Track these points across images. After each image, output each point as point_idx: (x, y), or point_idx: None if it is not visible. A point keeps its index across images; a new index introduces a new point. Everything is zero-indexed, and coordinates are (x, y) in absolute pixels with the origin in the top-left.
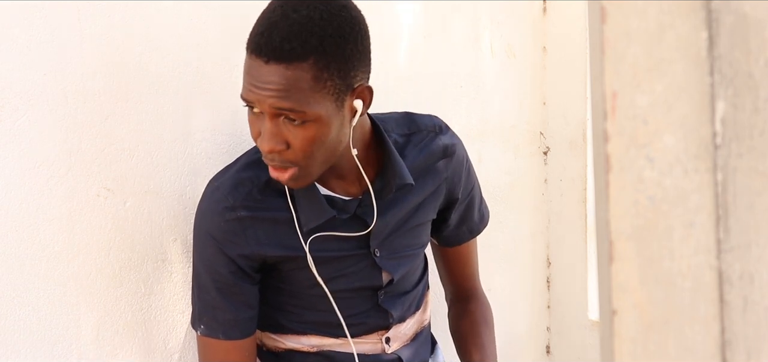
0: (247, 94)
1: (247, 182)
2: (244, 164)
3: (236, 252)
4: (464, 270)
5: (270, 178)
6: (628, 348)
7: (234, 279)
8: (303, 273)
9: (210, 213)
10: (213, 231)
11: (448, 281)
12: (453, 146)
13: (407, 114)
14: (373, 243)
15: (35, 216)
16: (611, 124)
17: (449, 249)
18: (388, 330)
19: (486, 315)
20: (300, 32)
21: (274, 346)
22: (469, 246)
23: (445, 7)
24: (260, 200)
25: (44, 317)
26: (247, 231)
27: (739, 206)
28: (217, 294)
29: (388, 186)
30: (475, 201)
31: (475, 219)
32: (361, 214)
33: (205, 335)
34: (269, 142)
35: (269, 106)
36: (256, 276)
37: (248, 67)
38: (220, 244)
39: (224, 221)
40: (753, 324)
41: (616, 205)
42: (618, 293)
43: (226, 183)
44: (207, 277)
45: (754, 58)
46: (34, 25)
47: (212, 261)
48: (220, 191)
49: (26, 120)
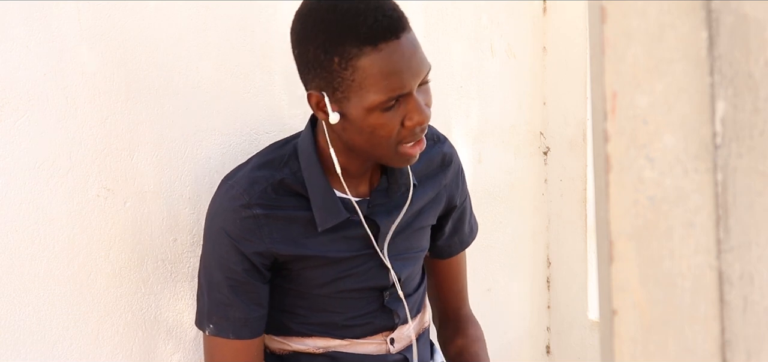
0: (407, 81)
1: (261, 180)
2: (258, 164)
3: (251, 249)
4: (455, 285)
5: (283, 177)
6: (628, 348)
7: (247, 276)
8: (313, 272)
9: (225, 210)
10: (228, 227)
11: (437, 299)
12: (451, 155)
13: None
14: (380, 243)
15: (35, 216)
16: (611, 124)
17: (441, 263)
18: (392, 331)
19: (478, 332)
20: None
21: (280, 349)
22: (460, 261)
23: (445, 7)
24: (275, 199)
25: (44, 317)
26: (262, 229)
27: (739, 206)
28: (229, 291)
29: (396, 184)
30: (467, 213)
31: (465, 230)
32: (370, 214)
33: (214, 335)
34: (426, 111)
35: (424, 73)
36: (268, 275)
37: (388, 56)
38: (235, 241)
39: (240, 218)
40: (753, 324)
41: (616, 205)
42: (618, 293)
43: (241, 180)
44: (220, 274)
45: (754, 58)
46: (34, 25)
47: (226, 258)
48: (235, 188)
49: (26, 120)
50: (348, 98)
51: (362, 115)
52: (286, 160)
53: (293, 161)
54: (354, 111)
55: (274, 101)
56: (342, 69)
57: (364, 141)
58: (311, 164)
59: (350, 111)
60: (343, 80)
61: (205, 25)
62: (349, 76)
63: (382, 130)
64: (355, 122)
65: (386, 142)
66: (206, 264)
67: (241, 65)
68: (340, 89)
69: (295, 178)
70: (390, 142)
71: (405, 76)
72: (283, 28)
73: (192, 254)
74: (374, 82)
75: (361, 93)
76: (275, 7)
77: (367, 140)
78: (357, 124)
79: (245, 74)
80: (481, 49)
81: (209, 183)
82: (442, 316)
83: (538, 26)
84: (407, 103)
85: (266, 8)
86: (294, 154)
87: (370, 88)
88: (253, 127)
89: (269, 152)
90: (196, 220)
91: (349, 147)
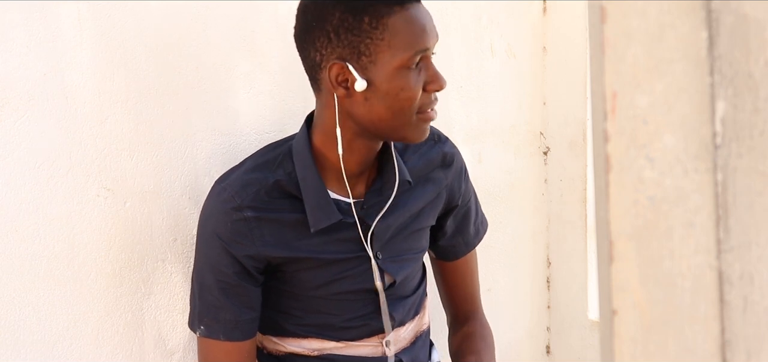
0: (430, 38)
1: (254, 183)
2: (252, 166)
3: (242, 252)
4: (463, 289)
5: (277, 179)
6: (628, 348)
7: (238, 279)
8: (306, 274)
9: (217, 212)
10: (219, 230)
11: (448, 302)
12: (452, 155)
13: None
14: (375, 246)
15: (35, 216)
16: (611, 124)
17: (448, 265)
18: (388, 334)
19: (486, 336)
20: None
21: (275, 350)
22: (468, 262)
23: (445, 7)
24: (267, 201)
25: (44, 317)
26: (253, 231)
27: (739, 206)
28: (220, 293)
29: (389, 183)
30: (471, 213)
31: (470, 231)
32: (364, 216)
33: (204, 336)
34: (443, 76)
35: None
36: (260, 278)
37: (414, 15)
38: (226, 244)
39: (231, 221)
40: (753, 324)
41: (616, 205)
42: (618, 293)
43: (233, 183)
44: (211, 277)
45: (754, 58)
46: (34, 25)
47: (217, 261)
48: (228, 191)
49: (26, 120)
50: (375, 62)
51: (389, 77)
52: (281, 160)
53: (287, 162)
54: (381, 73)
55: (274, 101)
56: (372, 28)
57: (387, 108)
58: (306, 164)
59: (377, 75)
60: (372, 41)
61: (205, 25)
62: (378, 35)
63: (407, 92)
64: (381, 87)
65: (409, 109)
66: (198, 267)
67: (241, 65)
68: (367, 52)
69: (290, 179)
70: (412, 109)
71: (428, 34)
72: (283, 28)
73: (192, 254)
74: (403, 38)
75: (390, 51)
76: (275, 7)
77: (391, 107)
78: (383, 88)
79: (245, 74)
80: (481, 49)
81: (209, 183)
82: (453, 320)
83: (538, 26)
84: (427, 68)
85: (266, 8)
86: (288, 155)
87: (399, 45)
88: (253, 127)
89: (263, 153)
90: (196, 220)
91: (363, 127)
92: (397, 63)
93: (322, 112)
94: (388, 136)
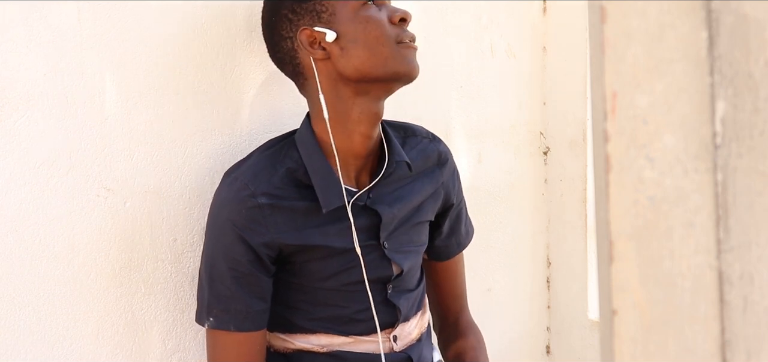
0: None
1: (265, 171)
2: (260, 156)
3: (257, 239)
4: (453, 289)
5: (287, 167)
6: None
7: (251, 268)
8: (316, 265)
9: (231, 201)
10: (234, 217)
11: (437, 303)
12: (446, 154)
13: (399, 121)
14: (382, 235)
15: (35, 216)
16: (611, 124)
17: (440, 265)
18: (394, 328)
19: (478, 337)
20: None
21: (284, 347)
22: (458, 262)
23: (445, 7)
24: (279, 188)
25: (44, 317)
26: (267, 218)
27: (739, 206)
28: (233, 282)
29: (391, 165)
30: (463, 214)
31: (462, 232)
32: (371, 204)
33: (214, 328)
34: (403, 8)
35: None
36: (272, 268)
37: None
38: (240, 231)
39: (246, 208)
40: (753, 324)
41: (616, 205)
42: (618, 293)
43: (245, 172)
44: (223, 265)
45: (754, 58)
46: (34, 25)
47: (230, 249)
48: (240, 180)
49: (26, 120)
50: (334, 13)
51: (351, 19)
52: (287, 150)
53: (293, 151)
54: (343, 19)
55: (274, 101)
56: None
57: (364, 46)
58: (311, 151)
59: (340, 23)
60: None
61: (205, 25)
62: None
63: (374, 24)
64: (349, 31)
65: (383, 38)
66: (209, 257)
67: (241, 65)
68: (324, 10)
69: (298, 167)
70: (387, 38)
71: None
72: None
73: (192, 254)
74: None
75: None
76: None
77: (365, 43)
78: (351, 30)
79: (245, 74)
80: (481, 49)
81: (209, 183)
82: (442, 322)
83: (538, 26)
84: (385, 7)
85: None
86: (293, 145)
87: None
88: (253, 127)
89: (268, 146)
90: (196, 220)
91: (353, 80)
92: (352, 5)
93: (312, 98)
94: (379, 76)
